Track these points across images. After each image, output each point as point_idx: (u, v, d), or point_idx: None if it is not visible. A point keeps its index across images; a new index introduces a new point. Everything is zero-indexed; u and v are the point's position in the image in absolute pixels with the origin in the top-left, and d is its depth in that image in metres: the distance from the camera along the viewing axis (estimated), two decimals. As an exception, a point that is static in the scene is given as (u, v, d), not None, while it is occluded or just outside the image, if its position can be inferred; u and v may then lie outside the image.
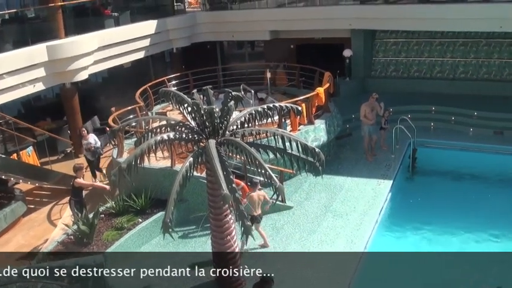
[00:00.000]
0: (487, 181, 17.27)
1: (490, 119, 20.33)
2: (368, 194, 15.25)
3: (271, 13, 25.01)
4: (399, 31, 24.15)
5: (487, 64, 23.40)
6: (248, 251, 11.92)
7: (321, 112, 17.96)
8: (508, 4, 21.04)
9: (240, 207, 8.65)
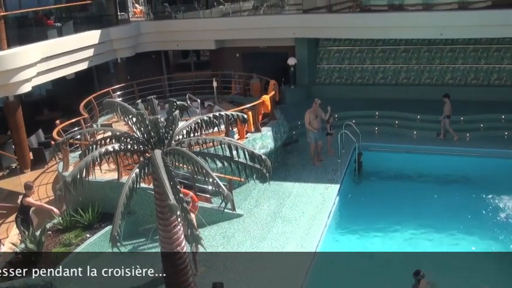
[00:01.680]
0: (431, 182, 17.91)
1: (433, 122, 20.96)
2: (316, 199, 15.47)
3: (215, 22, 25.15)
4: (342, 39, 24.66)
5: (429, 69, 24.21)
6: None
7: (268, 120, 18.16)
8: (447, 12, 21.98)
9: (188, 216, 8.63)
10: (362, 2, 24.14)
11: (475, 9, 22.11)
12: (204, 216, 12.87)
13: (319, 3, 24.73)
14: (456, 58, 23.79)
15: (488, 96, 22.93)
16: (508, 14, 20.77)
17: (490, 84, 23.69)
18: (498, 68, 23.52)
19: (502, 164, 18.22)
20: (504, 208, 15.46)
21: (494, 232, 14.29)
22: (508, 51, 23.19)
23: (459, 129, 20.34)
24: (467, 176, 17.85)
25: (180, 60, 29.00)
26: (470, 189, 16.61)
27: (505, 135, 19.96)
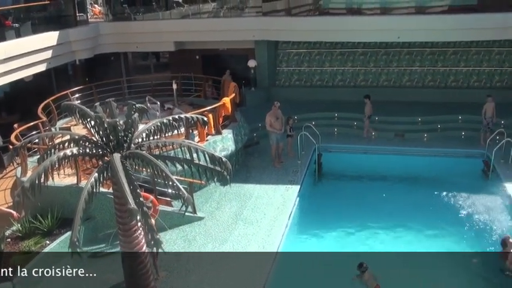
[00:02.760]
0: (389, 181, 18.25)
1: (391, 123, 21.48)
2: (277, 200, 15.57)
3: (175, 24, 24.96)
4: (301, 42, 24.86)
5: (387, 72, 24.68)
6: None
7: (228, 122, 18.18)
8: (404, 16, 22.45)
9: (148, 221, 8.59)
10: (321, 5, 24.43)
11: (432, 13, 22.67)
12: (165, 219, 12.86)
13: (278, 6, 24.92)
14: (413, 61, 24.34)
15: (446, 97, 23.53)
16: (464, 18, 21.50)
17: (447, 86, 24.30)
18: (455, 70, 24.15)
19: (460, 163, 18.78)
20: (462, 206, 15.92)
21: (452, 231, 14.65)
22: (464, 54, 23.88)
23: (417, 130, 20.94)
24: (425, 176, 18.32)
25: (140, 62, 28.77)
26: (428, 189, 17.03)
27: (462, 135, 20.55)
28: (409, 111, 22.07)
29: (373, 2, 23.72)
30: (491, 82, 23.93)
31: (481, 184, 17.39)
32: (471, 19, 21.44)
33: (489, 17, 21.27)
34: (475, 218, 15.13)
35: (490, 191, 16.62)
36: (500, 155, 17.84)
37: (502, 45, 23.44)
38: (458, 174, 17.90)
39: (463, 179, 17.61)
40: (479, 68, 23.90)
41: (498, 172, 17.39)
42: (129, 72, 27.17)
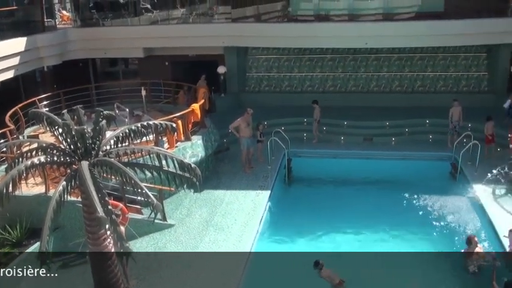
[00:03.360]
0: (358, 185, 18.50)
1: (360, 128, 21.77)
2: (248, 206, 15.61)
3: (144, 30, 24.78)
4: (270, 48, 24.98)
5: (355, 77, 24.98)
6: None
7: (198, 128, 18.15)
8: (372, 23, 22.79)
9: (118, 229, 8.53)
10: (290, 12, 24.58)
11: (399, 20, 23.13)
12: (135, 227, 12.73)
13: (248, 13, 24.99)
14: (381, 66, 24.71)
15: (413, 102, 23.94)
16: (430, 25, 21.94)
17: (414, 91, 24.73)
18: (422, 75, 24.60)
19: (428, 166, 19.17)
20: (430, 208, 16.23)
21: (421, 232, 14.94)
22: (431, 59, 24.36)
23: (385, 134, 21.28)
24: (394, 179, 18.53)
25: (108, 69, 28.46)
26: (397, 191, 17.23)
27: (430, 138, 20.99)
28: (377, 115, 22.41)
29: (341, 9, 24.03)
30: (458, 87, 24.42)
31: (449, 186, 17.78)
32: (437, 25, 21.91)
33: (455, 24, 21.80)
34: (443, 219, 15.43)
35: (458, 192, 17.01)
36: (467, 157, 18.24)
37: (468, 50, 23.97)
38: (427, 176, 18.24)
39: (431, 181, 17.95)
40: (446, 73, 24.38)
41: (465, 174, 17.80)
42: (97, 79, 26.87)
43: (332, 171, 19.26)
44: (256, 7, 24.78)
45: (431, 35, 21.96)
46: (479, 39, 22.55)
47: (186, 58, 25.42)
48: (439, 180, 18.25)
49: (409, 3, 23.74)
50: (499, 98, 22.33)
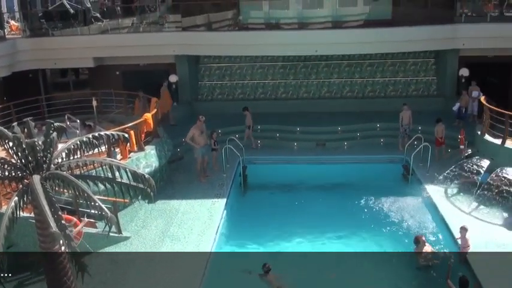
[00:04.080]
0: (313, 189, 18.65)
1: (312, 133, 22.03)
2: (204, 215, 15.49)
3: (94, 40, 24.28)
4: (222, 56, 25.05)
5: (306, 84, 25.25)
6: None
7: (151, 138, 17.90)
8: (322, 31, 23.13)
9: (72, 244, 8.34)
10: (240, 20, 24.65)
11: (348, 27, 23.55)
12: (90, 242, 12.45)
13: (198, 21, 24.90)
14: (332, 73, 25.11)
15: (364, 107, 24.46)
16: (378, 32, 22.47)
17: (365, 96, 25.25)
18: (372, 81, 25.15)
19: (381, 169, 19.59)
20: (384, 209, 16.56)
21: (375, 233, 15.20)
22: (380, 65, 24.93)
23: (337, 139, 21.61)
24: (347, 182, 18.87)
25: (59, 79, 27.77)
26: (351, 194, 17.58)
27: (381, 142, 21.48)
28: (330, 121, 22.75)
29: (291, 17, 24.28)
30: (408, 91, 25.08)
31: (401, 187, 18.25)
32: (386, 33, 22.47)
33: (403, 31, 22.41)
34: (397, 220, 15.80)
35: (411, 193, 17.45)
36: (418, 159, 18.72)
37: (416, 56, 24.70)
38: (380, 179, 18.68)
39: (384, 183, 18.39)
40: (395, 78, 25.00)
41: (417, 175, 18.29)
42: (48, 90, 26.21)
43: (287, 177, 19.44)
44: (207, 15, 24.72)
45: (379, 42, 22.49)
46: (426, 45, 23.27)
47: (137, 67, 25.14)
48: (391, 182, 18.71)
49: (358, 11, 24.26)
50: (448, 101, 23.06)
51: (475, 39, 22.49)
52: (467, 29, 22.68)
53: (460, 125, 20.92)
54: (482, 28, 22.68)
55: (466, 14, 23.62)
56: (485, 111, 17.92)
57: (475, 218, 15.05)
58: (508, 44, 22.42)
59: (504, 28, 22.50)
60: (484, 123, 18.09)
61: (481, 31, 22.56)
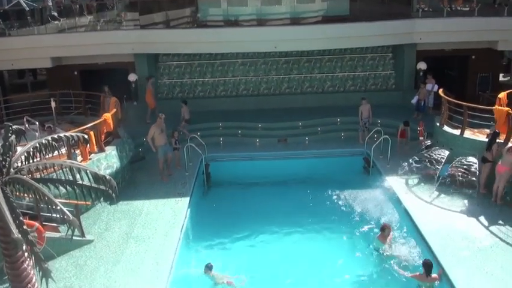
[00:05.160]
0: (276, 185, 18.87)
1: (274, 129, 22.17)
2: (168, 214, 15.39)
3: (51, 39, 23.59)
4: (181, 54, 24.91)
5: (266, 80, 25.35)
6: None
7: (111, 138, 17.70)
8: (281, 27, 23.28)
9: (35, 249, 8.20)
10: (199, 17, 24.55)
11: (307, 24, 23.75)
12: (53, 246, 12.20)
13: (156, 19, 24.67)
14: (291, 69, 25.30)
15: (324, 102, 24.72)
16: (336, 28, 22.73)
17: (325, 91, 25.49)
18: (331, 76, 25.40)
19: (342, 162, 19.86)
20: (347, 201, 16.92)
21: (340, 223, 15.54)
22: (339, 61, 25.22)
23: (299, 134, 21.80)
24: (310, 177, 19.14)
25: (16, 81, 27.18)
26: (315, 189, 17.83)
27: (342, 136, 21.82)
28: (290, 116, 22.93)
29: (250, 14, 24.28)
30: (366, 85, 25.45)
31: (363, 180, 18.63)
32: (344, 28, 22.71)
33: (360, 26, 22.71)
34: (359, 212, 16.15)
35: (372, 185, 17.81)
36: (378, 151, 19.12)
37: (374, 51, 25.10)
38: (342, 172, 18.99)
39: (346, 176, 18.73)
40: (354, 73, 25.35)
41: (378, 167, 18.68)
42: (5, 92, 25.57)
43: (250, 174, 19.55)
44: (165, 13, 24.51)
45: (338, 38, 22.76)
46: (384, 40, 23.66)
47: (96, 66, 24.76)
48: (353, 175, 19.08)
49: (316, 7, 24.43)
50: (406, 95, 23.51)
51: (431, 34, 23.05)
52: (424, 23, 23.20)
53: (418, 117, 21.48)
54: (438, 23, 23.28)
55: (423, 9, 24.13)
56: (444, 103, 18.31)
57: (437, 207, 15.51)
58: (464, 38, 23.14)
59: (459, 22, 23.13)
60: (442, 114, 18.49)
61: (438, 26, 23.17)
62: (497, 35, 23.01)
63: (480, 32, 22.91)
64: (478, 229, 14.10)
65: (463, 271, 12.08)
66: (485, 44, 23.80)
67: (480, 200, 15.69)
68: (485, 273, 12.01)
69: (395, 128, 20.17)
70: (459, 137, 17.42)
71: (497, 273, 11.96)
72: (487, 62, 24.71)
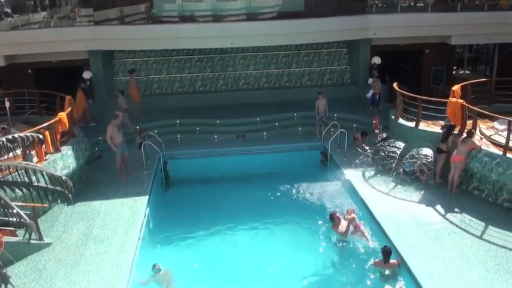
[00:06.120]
0: (236, 181, 18.94)
1: (232, 125, 22.25)
2: (126, 214, 15.23)
3: (3, 36, 22.79)
4: (137, 51, 24.65)
5: (223, 77, 25.41)
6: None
7: (67, 138, 17.34)
8: (237, 23, 23.29)
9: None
10: (154, 13, 24.33)
11: (262, 19, 23.89)
12: (11, 251, 11.96)
13: (111, 15, 24.32)
14: (248, 65, 25.43)
15: (281, 97, 25.01)
16: (292, 24, 22.98)
17: (281, 86, 25.75)
18: (287, 71, 25.69)
19: (300, 156, 20.19)
20: (306, 194, 17.13)
21: (298, 216, 15.69)
22: (295, 56, 25.50)
23: (257, 130, 22.01)
24: (270, 172, 19.38)
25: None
26: (274, 183, 17.94)
27: (299, 130, 22.09)
28: (248, 112, 23.08)
29: (205, 10, 24.25)
30: (322, 80, 25.83)
31: (321, 173, 18.86)
32: (299, 24, 22.93)
33: (315, 22, 22.95)
34: (318, 205, 16.37)
35: (330, 178, 18.11)
36: (336, 144, 19.49)
37: (330, 46, 25.50)
38: (300, 166, 19.33)
39: (304, 170, 19.02)
40: (310, 68, 25.68)
41: (336, 160, 19.05)
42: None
43: (209, 170, 19.59)
44: (120, 9, 24.17)
45: (294, 33, 22.94)
46: (339, 36, 24.02)
47: (50, 64, 24.24)
48: (311, 168, 19.37)
49: (272, 3, 24.63)
50: (361, 89, 23.95)
51: (385, 29, 23.57)
52: (378, 19, 23.68)
53: (373, 111, 21.90)
54: (392, 18, 23.77)
55: (377, 5, 24.57)
56: (398, 97, 18.69)
57: (393, 197, 15.98)
58: (417, 33, 23.67)
59: (413, 18, 23.70)
60: (397, 107, 18.88)
61: (391, 21, 23.67)
62: (451, 30, 23.67)
63: (434, 27, 23.55)
64: (434, 217, 14.61)
65: (420, 258, 12.47)
66: (438, 39, 24.40)
67: (436, 190, 16.23)
68: (443, 259, 12.42)
69: (352, 121, 20.58)
70: (414, 129, 17.86)
71: (455, 260, 12.39)
72: (441, 56, 25.38)
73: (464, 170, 15.83)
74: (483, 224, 14.04)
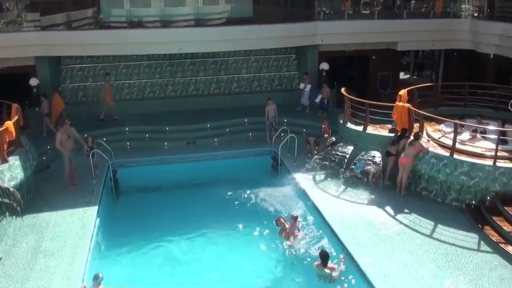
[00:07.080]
0: (187, 187, 18.98)
1: (182, 132, 22.27)
2: (76, 225, 14.99)
3: None
4: (84, 56, 24.23)
5: (173, 83, 25.34)
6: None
7: (14, 148, 16.88)
8: (185, 29, 23.30)
9: None
10: (101, 18, 24.02)
11: (211, 25, 23.89)
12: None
13: (58, 20, 23.80)
14: (197, 71, 25.46)
15: (231, 103, 25.21)
16: (240, 30, 23.22)
17: (232, 92, 25.97)
18: (237, 77, 25.90)
19: (251, 162, 20.42)
20: (257, 200, 17.35)
21: (250, 222, 15.81)
22: (245, 62, 25.78)
23: (207, 136, 22.11)
24: (221, 178, 19.34)
25: None
26: (226, 189, 18.01)
27: (250, 136, 22.40)
28: (198, 118, 23.11)
29: (153, 15, 24.09)
30: (272, 86, 26.18)
31: (272, 178, 19.22)
32: (247, 30, 23.17)
33: (264, 28, 23.24)
34: (269, 210, 16.57)
35: (281, 183, 18.47)
36: (286, 149, 19.82)
37: (278, 52, 25.81)
38: (251, 172, 19.52)
39: (256, 175, 19.24)
40: (260, 74, 25.93)
41: (286, 165, 19.38)
42: None
43: (159, 178, 19.50)
44: (67, 14, 23.69)
45: (242, 40, 23.15)
46: (287, 42, 24.34)
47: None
48: (262, 173, 19.63)
49: (220, 9, 24.71)
50: (309, 94, 24.19)
51: (333, 36, 24.12)
52: (325, 26, 24.16)
53: (322, 116, 22.34)
54: (339, 25, 24.36)
55: (324, 11, 24.98)
56: (346, 101, 19.11)
57: (344, 200, 16.47)
58: (364, 39, 24.32)
59: (360, 25, 24.37)
60: (345, 112, 19.31)
61: (338, 28, 24.26)
62: (397, 37, 24.44)
63: (380, 34, 24.32)
64: (384, 218, 15.14)
65: (371, 258, 12.89)
66: (384, 45, 25.10)
67: (385, 192, 16.81)
68: (394, 259, 12.87)
69: (302, 126, 21.00)
70: (362, 132, 18.36)
71: (406, 259, 12.87)
72: (387, 61, 26.11)
73: (412, 171, 16.47)
74: (432, 223, 14.68)
